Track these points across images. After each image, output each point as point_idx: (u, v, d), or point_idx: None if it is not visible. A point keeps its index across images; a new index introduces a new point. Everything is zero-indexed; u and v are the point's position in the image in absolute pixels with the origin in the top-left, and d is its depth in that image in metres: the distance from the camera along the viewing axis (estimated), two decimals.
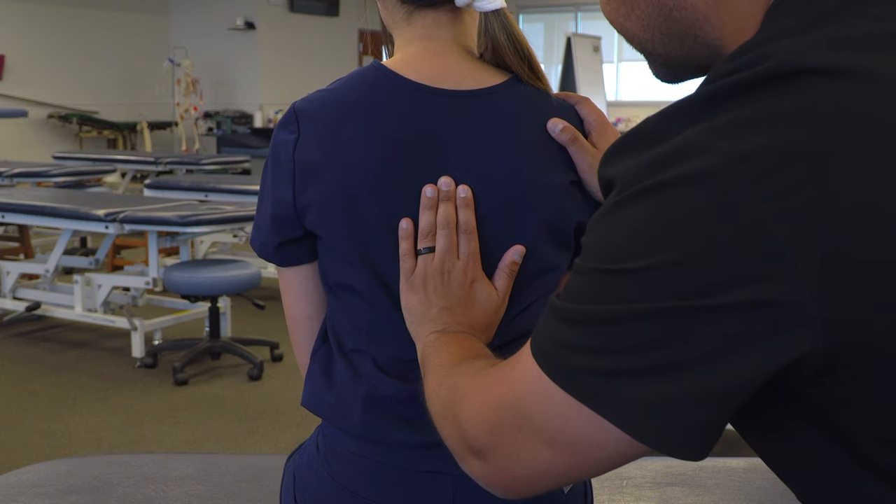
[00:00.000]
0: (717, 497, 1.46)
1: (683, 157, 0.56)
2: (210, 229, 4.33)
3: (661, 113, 0.61)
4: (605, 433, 0.60)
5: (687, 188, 0.56)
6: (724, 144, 0.55)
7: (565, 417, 0.61)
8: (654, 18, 0.67)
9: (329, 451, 1.05)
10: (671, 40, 0.68)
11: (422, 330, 0.95)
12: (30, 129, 10.42)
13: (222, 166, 7.05)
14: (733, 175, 0.54)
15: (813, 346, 0.55)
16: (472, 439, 0.70)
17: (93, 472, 1.53)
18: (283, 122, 1.00)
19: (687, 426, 0.58)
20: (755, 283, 0.54)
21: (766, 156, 0.54)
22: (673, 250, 0.56)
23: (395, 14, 1.04)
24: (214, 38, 11.59)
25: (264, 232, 1.02)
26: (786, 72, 0.56)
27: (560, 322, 0.62)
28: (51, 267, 4.60)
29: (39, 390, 3.82)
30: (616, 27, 0.72)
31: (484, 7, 0.99)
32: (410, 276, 0.97)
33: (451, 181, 0.97)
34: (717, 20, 0.64)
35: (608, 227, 0.60)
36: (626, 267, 0.58)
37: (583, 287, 0.61)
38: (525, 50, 1.02)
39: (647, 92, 12.37)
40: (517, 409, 0.65)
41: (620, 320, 0.58)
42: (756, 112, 0.56)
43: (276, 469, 1.29)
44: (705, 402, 0.57)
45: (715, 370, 0.56)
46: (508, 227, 0.99)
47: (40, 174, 5.96)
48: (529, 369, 0.64)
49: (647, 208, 0.57)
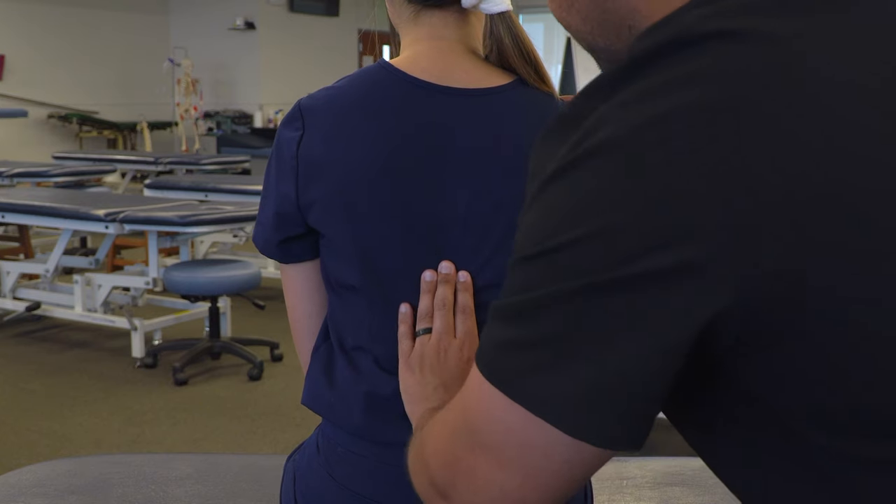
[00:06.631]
0: (717, 497, 1.46)
1: (594, 132, 0.56)
2: (210, 229, 4.33)
3: (575, 97, 0.60)
4: (545, 436, 0.57)
5: (594, 161, 0.55)
6: (631, 113, 0.55)
7: (506, 424, 0.58)
8: (591, 11, 0.68)
9: (329, 450, 1.05)
10: (608, 32, 0.68)
11: (417, 409, 0.95)
12: (30, 129, 10.42)
13: (222, 166, 7.06)
14: (640, 140, 0.54)
15: (726, 306, 0.53)
16: (436, 478, 0.66)
17: (93, 472, 1.53)
18: (288, 119, 1.00)
19: (619, 413, 0.56)
20: (661, 249, 0.52)
21: (673, 117, 0.53)
22: (580, 226, 0.54)
23: (403, 13, 1.04)
24: (214, 38, 11.58)
25: (267, 228, 1.02)
26: (690, 38, 0.56)
27: (493, 321, 0.61)
28: (51, 267, 4.60)
29: (39, 390, 3.82)
30: (561, 22, 0.72)
31: (490, 9, 1.00)
32: (408, 358, 0.98)
33: (451, 265, 0.98)
34: (647, 10, 0.64)
35: (528, 217, 0.59)
36: (538, 251, 0.56)
37: (510, 282, 0.60)
38: (530, 53, 1.02)
39: None
40: (466, 426, 0.62)
41: (536, 307, 0.56)
42: (662, 78, 0.55)
43: (276, 469, 1.29)
44: (629, 383, 0.55)
45: (630, 347, 0.54)
46: (511, 227, 0.98)
47: (40, 174, 5.96)
48: (473, 380, 0.62)
49: (560, 188, 0.56)
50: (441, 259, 0.99)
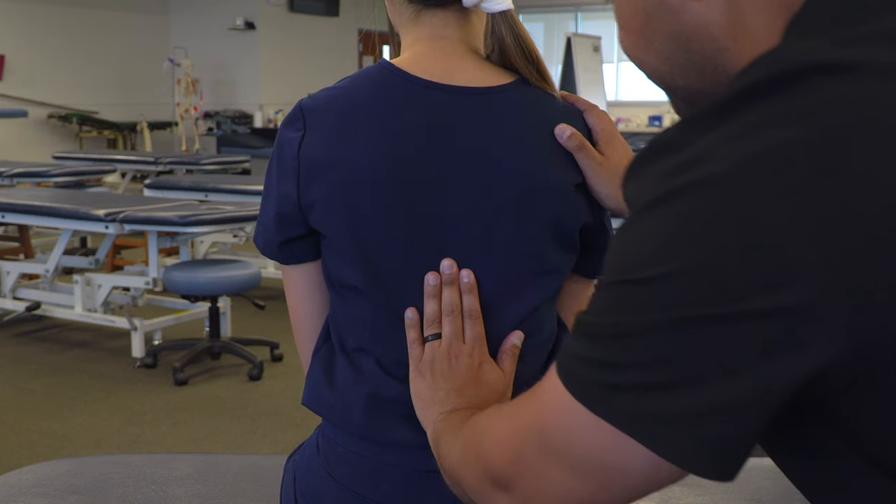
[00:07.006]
0: (717, 497, 1.46)
1: (695, 164, 0.55)
2: (210, 229, 4.33)
3: (677, 124, 0.60)
4: (629, 453, 0.58)
5: (698, 194, 0.55)
6: (735, 148, 0.54)
7: (588, 438, 0.60)
8: (673, 51, 0.67)
9: (329, 450, 1.05)
10: (690, 72, 0.67)
11: (430, 413, 0.95)
12: (30, 129, 10.41)
13: (222, 166, 7.06)
14: (744, 177, 0.53)
15: (837, 355, 0.52)
16: (496, 471, 0.69)
17: (93, 472, 1.53)
18: (290, 119, 1.00)
19: (712, 440, 0.56)
20: (772, 290, 0.52)
21: (777, 154, 0.53)
22: (686, 258, 0.54)
23: (403, 13, 1.04)
24: (214, 38, 11.58)
25: (268, 229, 1.02)
26: (793, 71, 0.55)
27: (581, 337, 0.61)
28: (51, 267, 4.60)
29: (39, 390, 3.82)
30: (635, 62, 0.71)
31: (491, 8, 0.99)
32: (419, 364, 0.98)
33: (454, 263, 0.98)
34: (735, 49, 0.63)
35: (624, 240, 0.60)
36: (640, 277, 0.57)
37: (601, 301, 0.60)
38: (532, 52, 1.02)
39: (647, 92, 12.36)
40: (540, 431, 0.64)
41: (636, 332, 0.57)
42: (765, 114, 0.55)
43: (276, 469, 1.28)
44: (727, 414, 0.55)
45: (733, 382, 0.54)
46: (513, 227, 0.99)
47: (40, 174, 5.96)
48: (552, 389, 0.63)
49: (659, 218, 0.56)
50: (443, 259, 0.98)
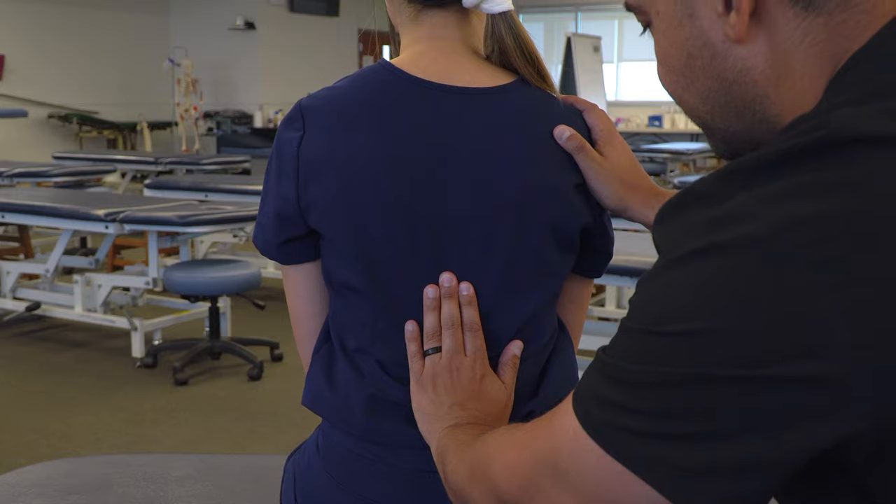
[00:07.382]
0: None
1: (733, 222, 0.55)
2: (210, 229, 4.33)
3: (715, 175, 0.60)
4: (640, 496, 0.59)
5: (735, 254, 0.55)
6: (774, 211, 0.54)
7: (601, 478, 0.61)
8: (713, 92, 0.67)
9: (329, 450, 1.05)
10: (730, 114, 0.67)
11: (434, 428, 0.95)
12: (30, 129, 10.42)
13: (222, 166, 7.06)
14: (782, 242, 0.53)
15: (862, 428, 0.53)
16: (505, 494, 0.70)
17: (93, 472, 1.53)
18: (289, 120, 0.99)
19: (725, 496, 0.57)
20: (802, 358, 0.52)
21: (817, 224, 0.53)
22: (718, 317, 0.55)
23: (403, 13, 1.04)
24: (214, 38, 11.58)
25: (267, 230, 1.02)
26: (840, 140, 0.55)
27: (603, 378, 0.62)
28: (51, 267, 4.60)
29: (39, 390, 3.82)
30: (675, 98, 0.71)
31: (491, 9, 0.99)
32: (420, 377, 0.98)
33: (453, 276, 0.98)
34: (776, 96, 0.63)
35: (655, 288, 0.60)
36: (671, 330, 0.57)
37: (627, 346, 0.60)
38: (532, 53, 1.02)
39: (647, 92, 12.37)
40: (553, 462, 0.65)
41: (661, 383, 0.57)
42: (808, 180, 0.54)
43: (276, 469, 1.28)
44: (744, 473, 0.56)
45: (755, 443, 0.55)
46: (513, 227, 0.98)
47: (40, 174, 5.96)
48: (568, 423, 0.63)
49: (693, 272, 0.56)
50: (443, 260, 0.98)
